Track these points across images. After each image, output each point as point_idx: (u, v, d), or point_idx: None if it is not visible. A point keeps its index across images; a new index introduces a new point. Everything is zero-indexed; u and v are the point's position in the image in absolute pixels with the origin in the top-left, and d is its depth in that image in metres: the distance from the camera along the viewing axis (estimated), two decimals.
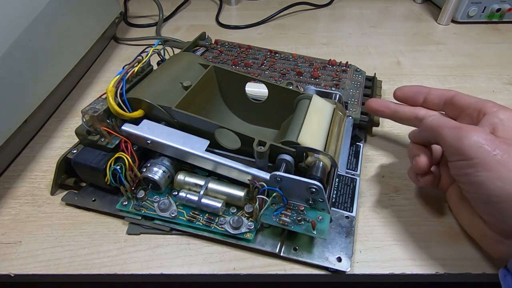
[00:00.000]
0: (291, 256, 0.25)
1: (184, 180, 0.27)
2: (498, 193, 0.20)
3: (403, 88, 0.30)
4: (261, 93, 0.32)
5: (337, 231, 0.26)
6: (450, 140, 0.22)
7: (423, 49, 0.51)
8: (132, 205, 0.27)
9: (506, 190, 0.20)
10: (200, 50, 0.45)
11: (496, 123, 0.23)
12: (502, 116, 0.23)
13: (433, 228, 0.27)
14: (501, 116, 0.23)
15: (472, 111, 0.25)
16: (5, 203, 0.29)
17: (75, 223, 0.27)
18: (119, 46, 0.52)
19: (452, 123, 0.23)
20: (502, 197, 0.20)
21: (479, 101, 0.25)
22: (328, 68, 0.42)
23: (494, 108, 0.24)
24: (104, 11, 0.47)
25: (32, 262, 0.25)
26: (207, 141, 0.26)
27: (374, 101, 0.31)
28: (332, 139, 0.26)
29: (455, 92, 0.27)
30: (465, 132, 0.21)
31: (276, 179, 0.23)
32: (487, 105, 0.25)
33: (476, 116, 0.25)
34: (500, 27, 0.57)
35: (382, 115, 0.31)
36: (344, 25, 0.59)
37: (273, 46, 0.46)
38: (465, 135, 0.21)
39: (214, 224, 0.26)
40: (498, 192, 0.20)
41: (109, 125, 0.26)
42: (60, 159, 0.28)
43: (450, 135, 0.22)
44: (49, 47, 0.35)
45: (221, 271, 0.25)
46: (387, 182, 0.31)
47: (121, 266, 0.25)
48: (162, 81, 0.29)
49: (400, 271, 0.24)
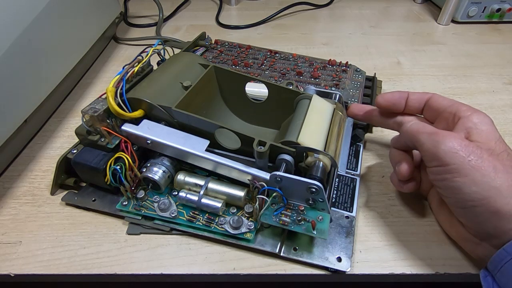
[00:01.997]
0: (291, 256, 0.25)
1: (184, 180, 0.27)
2: (473, 198, 0.21)
3: (385, 95, 0.30)
4: (261, 93, 0.32)
5: (337, 231, 0.26)
6: (427, 146, 0.23)
7: (423, 49, 0.51)
8: (132, 205, 0.27)
9: (481, 195, 0.20)
10: (200, 50, 0.45)
11: (470, 127, 0.23)
12: (475, 120, 0.24)
13: (433, 228, 0.27)
14: (475, 120, 0.24)
15: (447, 114, 0.26)
16: (5, 203, 0.29)
17: (75, 223, 0.27)
18: (119, 46, 0.52)
19: (429, 129, 0.24)
20: (477, 201, 0.20)
21: (453, 104, 0.26)
22: (328, 68, 0.42)
23: (468, 112, 0.24)
24: (104, 11, 0.47)
25: (32, 262, 0.25)
26: (207, 141, 0.26)
27: (355, 106, 0.32)
28: (332, 139, 0.26)
29: (431, 94, 0.28)
30: (441, 138, 0.22)
31: (276, 179, 0.23)
32: (462, 108, 0.25)
33: (451, 119, 0.25)
34: (500, 27, 0.57)
35: (361, 119, 0.32)
36: (344, 25, 0.59)
37: (273, 46, 0.46)
38: (441, 141, 0.22)
39: (214, 224, 0.26)
40: (473, 197, 0.20)
41: (109, 125, 0.26)
42: (60, 159, 0.28)
43: (427, 141, 0.23)
44: (49, 47, 0.35)
45: (221, 271, 0.25)
46: (387, 182, 0.31)
47: (121, 266, 0.25)
48: (162, 81, 0.29)
49: (400, 271, 0.24)
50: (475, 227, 0.22)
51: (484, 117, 0.24)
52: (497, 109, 0.39)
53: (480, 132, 0.23)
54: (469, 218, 0.22)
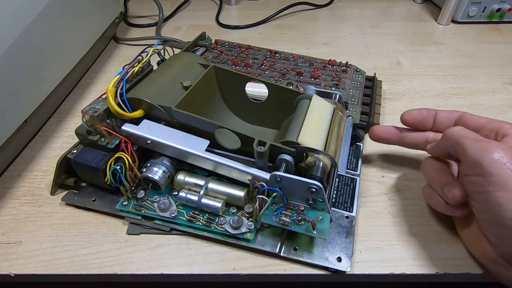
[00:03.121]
0: (291, 256, 0.25)
1: (184, 180, 0.27)
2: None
3: (411, 112, 0.28)
4: (261, 93, 0.32)
5: (337, 231, 0.26)
6: (471, 152, 0.21)
7: (423, 49, 0.51)
8: (132, 205, 0.27)
9: None
10: (200, 50, 0.45)
11: None
12: None
13: (433, 228, 0.27)
14: None
15: (487, 132, 0.25)
16: (5, 203, 0.29)
17: (75, 223, 0.27)
18: (119, 46, 0.52)
19: (477, 136, 0.22)
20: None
21: (492, 122, 0.25)
22: (328, 68, 0.42)
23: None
24: (104, 11, 0.47)
25: (32, 262, 0.25)
26: (207, 141, 0.26)
27: (379, 129, 0.30)
28: (332, 139, 0.26)
29: (462, 112, 0.27)
30: (490, 147, 0.21)
31: (276, 179, 0.23)
32: (505, 126, 0.24)
33: (493, 137, 0.24)
34: (500, 27, 0.57)
35: (388, 143, 0.30)
36: (344, 25, 0.59)
37: (273, 46, 0.46)
38: (490, 149, 0.20)
39: (214, 224, 0.26)
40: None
41: (109, 125, 0.26)
42: (60, 159, 0.28)
43: (472, 146, 0.21)
44: (49, 47, 0.35)
45: (221, 271, 0.25)
46: (387, 182, 0.31)
47: (121, 266, 0.25)
48: (162, 81, 0.29)
49: (400, 271, 0.24)
50: (506, 249, 0.21)
51: None
52: (497, 109, 0.39)
53: None
54: (502, 238, 0.20)
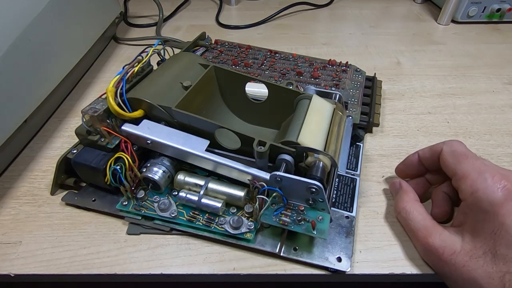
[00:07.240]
0: (291, 256, 0.25)
1: (184, 180, 0.27)
2: None
3: (398, 168, 0.30)
4: (261, 93, 0.32)
5: (337, 231, 0.26)
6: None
7: (423, 49, 0.51)
8: (132, 205, 0.27)
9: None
10: (200, 50, 0.45)
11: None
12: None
13: None
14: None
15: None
16: (5, 203, 0.29)
17: (75, 223, 0.27)
18: (119, 46, 0.52)
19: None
20: None
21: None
22: (328, 68, 0.42)
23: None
24: (104, 11, 0.47)
25: (32, 262, 0.25)
26: (207, 141, 0.26)
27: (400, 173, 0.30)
28: (332, 139, 0.26)
29: (440, 148, 0.26)
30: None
31: (276, 179, 0.23)
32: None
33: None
34: (500, 27, 0.57)
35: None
36: (344, 25, 0.59)
37: (273, 46, 0.46)
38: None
39: (214, 224, 0.26)
40: None
41: (109, 125, 0.26)
42: (60, 159, 0.28)
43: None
44: (49, 47, 0.35)
45: (221, 271, 0.25)
46: (387, 182, 0.31)
47: (121, 266, 0.25)
48: (162, 81, 0.29)
49: (400, 271, 0.24)
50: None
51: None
52: (497, 109, 0.39)
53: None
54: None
